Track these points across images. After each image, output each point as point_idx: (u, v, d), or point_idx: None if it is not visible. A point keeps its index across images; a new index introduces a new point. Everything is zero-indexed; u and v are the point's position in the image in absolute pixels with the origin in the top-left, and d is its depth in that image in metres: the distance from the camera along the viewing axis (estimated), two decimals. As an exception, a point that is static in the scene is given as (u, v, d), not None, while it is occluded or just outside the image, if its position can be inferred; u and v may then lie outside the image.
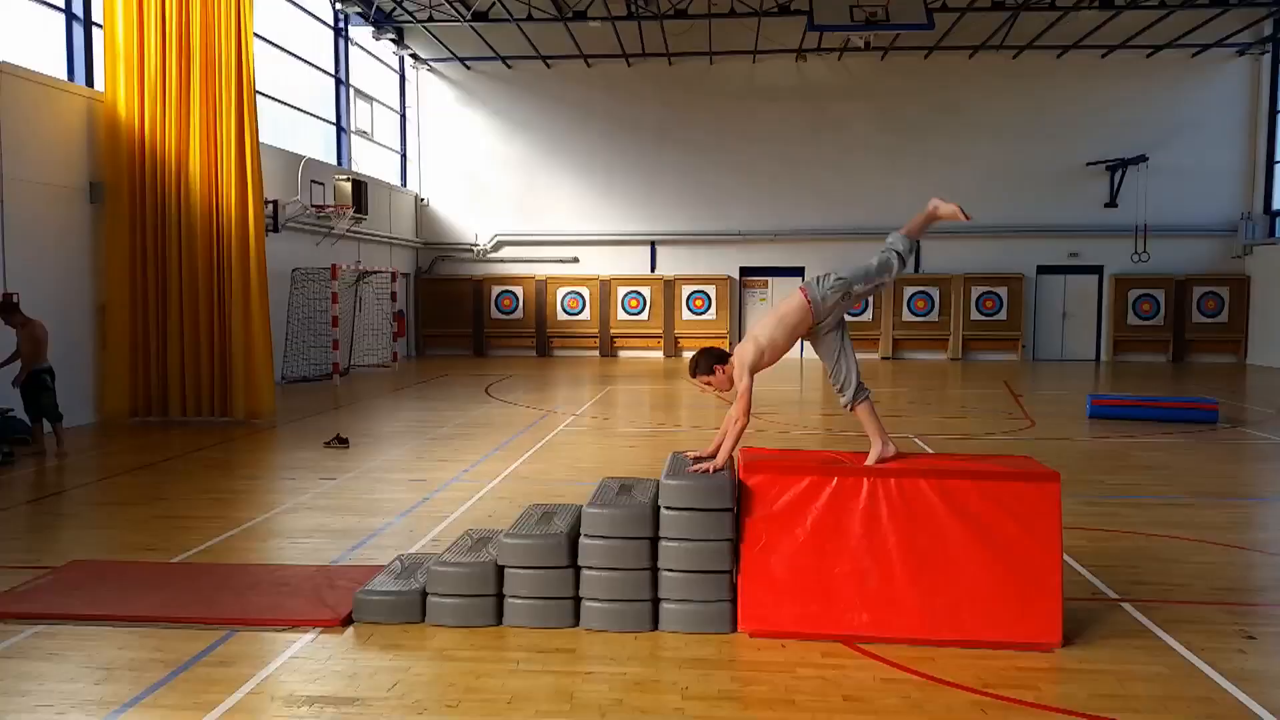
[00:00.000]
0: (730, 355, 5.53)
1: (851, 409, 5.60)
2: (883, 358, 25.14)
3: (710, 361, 5.50)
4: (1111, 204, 24.79)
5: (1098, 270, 25.30)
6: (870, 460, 5.38)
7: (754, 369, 5.37)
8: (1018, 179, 25.02)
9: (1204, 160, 24.53)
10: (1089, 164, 24.80)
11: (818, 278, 5.57)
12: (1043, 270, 25.41)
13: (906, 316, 25.25)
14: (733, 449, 5.43)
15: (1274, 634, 5.24)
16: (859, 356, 5.75)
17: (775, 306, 5.40)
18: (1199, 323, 24.73)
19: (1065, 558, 5.94)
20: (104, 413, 12.96)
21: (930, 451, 10.76)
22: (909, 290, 25.20)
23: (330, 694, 4.40)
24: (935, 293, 25.20)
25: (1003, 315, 25.09)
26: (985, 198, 25.05)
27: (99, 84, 13.18)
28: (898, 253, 5.63)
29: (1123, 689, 4.47)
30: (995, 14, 21.77)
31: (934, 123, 25.16)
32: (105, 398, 12.95)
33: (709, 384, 5.53)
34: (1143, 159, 23.92)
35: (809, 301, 5.44)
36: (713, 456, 5.48)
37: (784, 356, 5.54)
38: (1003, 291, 25.08)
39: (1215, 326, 24.69)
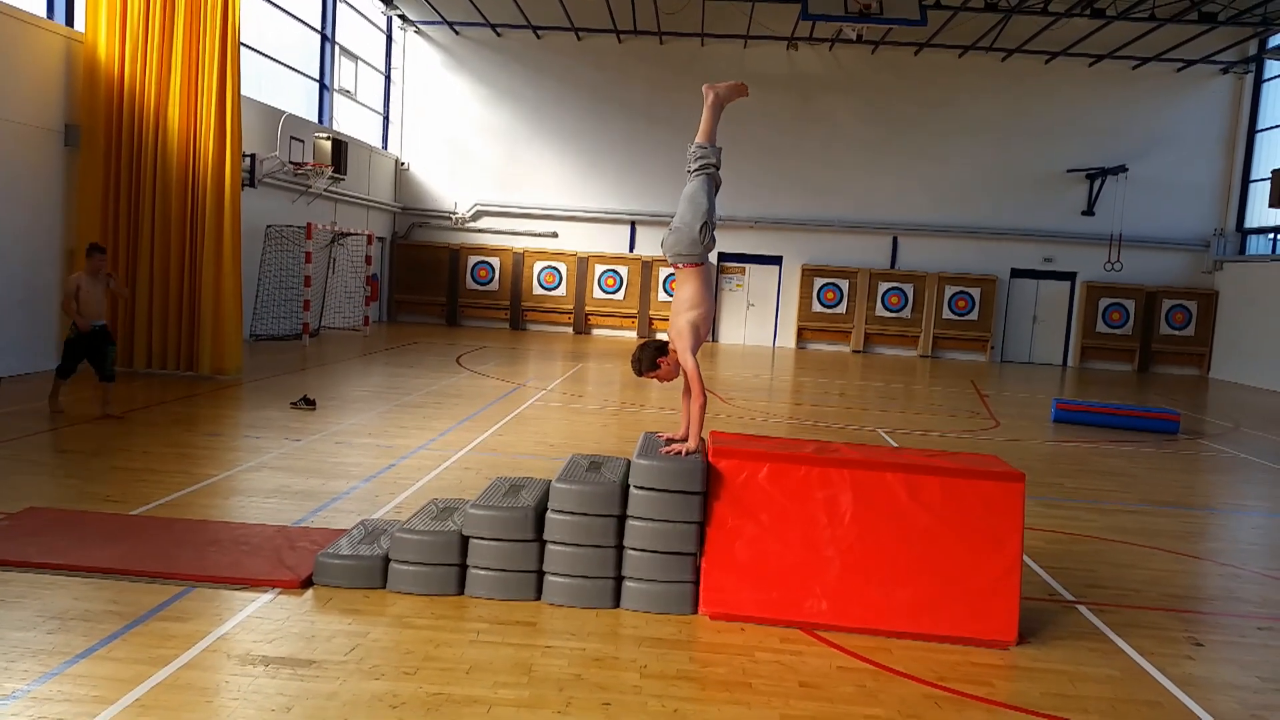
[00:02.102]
0: (668, 344, 5.57)
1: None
2: (854, 350, 25.27)
3: (653, 355, 5.55)
4: (1089, 212, 25.01)
5: (1070, 276, 25.55)
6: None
7: (695, 349, 5.44)
8: (998, 181, 25.18)
9: (1181, 174, 24.81)
10: (1069, 170, 24.99)
11: (673, 241, 5.57)
12: (1016, 274, 25.62)
13: (880, 311, 25.37)
14: (701, 429, 5.47)
15: (1221, 642, 5.35)
16: (830, 347, 5.77)
17: (679, 293, 5.55)
18: (1166, 334, 25.06)
19: (1024, 558, 6.02)
20: (67, 360, 12.74)
21: (895, 446, 10.85)
22: (884, 286, 25.31)
23: (287, 655, 4.38)
24: (909, 289, 25.33)
25: (974, 315, 25.29)
26: (965, 198, 25.28)
27: (79, 24, 12.89)
28: (711, 163, 5.66)
29: (1074, 689, 4.54)
30: (988, 15, 21.80)
31: (919, 120, 25.23)
32: (69, 345, 12.73)
33: (656, 377, 5.59)
34: (1122, 169, 24.14)
35: (699, 264, 5.54)
36: (684, 439, 5.50)
37: (755, 344, 5.55)
38: (976, 292, 25.26)
39: (1181, 339, 25.03)
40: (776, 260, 25.89)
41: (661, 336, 5.59)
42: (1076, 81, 24.80)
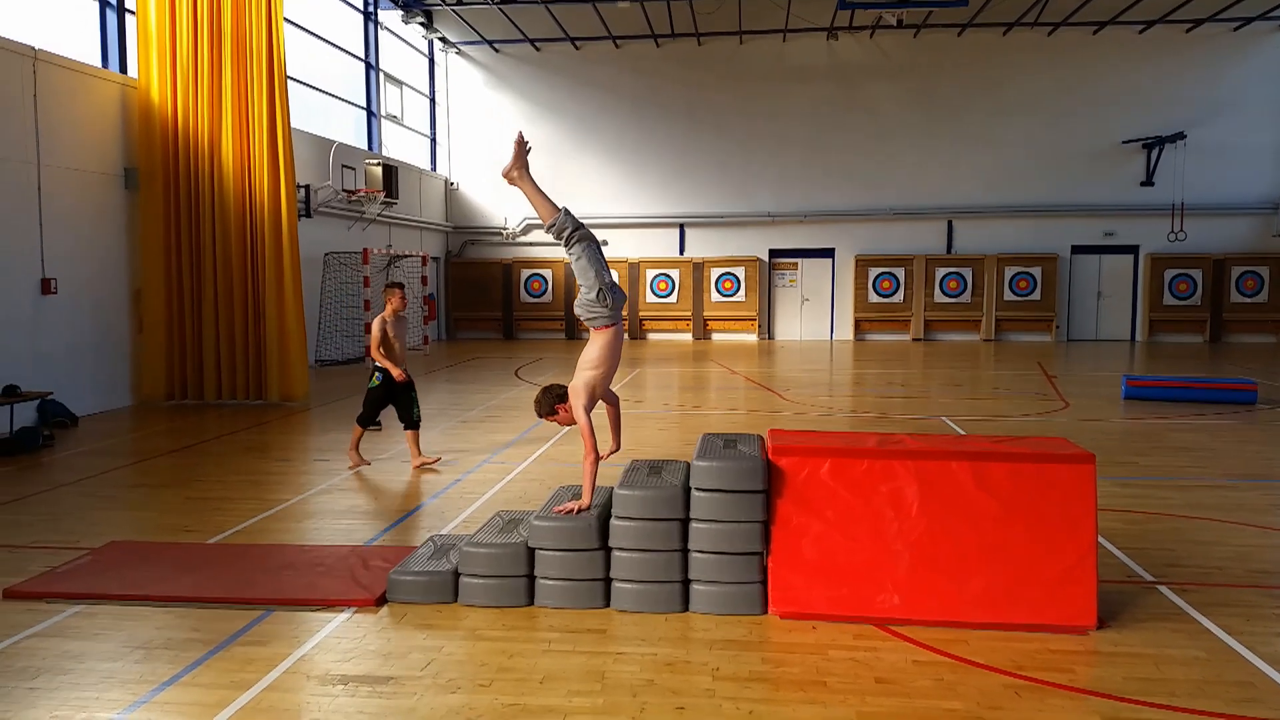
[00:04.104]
0: (567, 392, 5.61)
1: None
2: (914, 339, 24.93)
3: (552, 401, 5.60)
4: (1148, 182, 24.38)
5: (1133, 250, 24.91)
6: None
7: (588, 407, 5.47)
8: (1052, 158, 24.66)
9: (1243, 137, 24.04)
10: (1125, 142, 24.38)
11: (582, 309, 5.67)
12: (1077, 250, 25.07)
13: (939, 298, 25.00)
14: (592, 487, 5.46)
15: (1315, 618, 5.16)
16: (890, 337, 5.72)
17: (585, 352, 5.62)
18: (1237, 302, 24.29)
19: (1100, 540, 5.88)
20: (140, 396, 13.15)
21: (962, 433, 10.68)
22: (941, 271, 24.94)
23: (365, 673, 4.45)
24: (968, 273, 24.92)
25: (1036, 295, 24.78)
26: (1019, 177, 24.81)
27: (132, 70, 13.30)
28: (570, 230, 5.82)
29: (1159, 672, 4.43)
30: (1030, -10, 21.42)
31: (967, 101, 24.84)
32: (142, 381, 13.13)
33: (555, 420, 5.65)
34: (1180, 136, 23.49)
35: (609, 325, 5.58)
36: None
37: (812, 339, 5.54)
38: (1036, 271, 24.76)
39: (1254, 306, 24.25)
40: (829, 253, 25.67)
41: (566, 382, 5.66)
42: (1127, 50, 24.20)
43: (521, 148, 5.76)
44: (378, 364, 8.94)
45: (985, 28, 23.99)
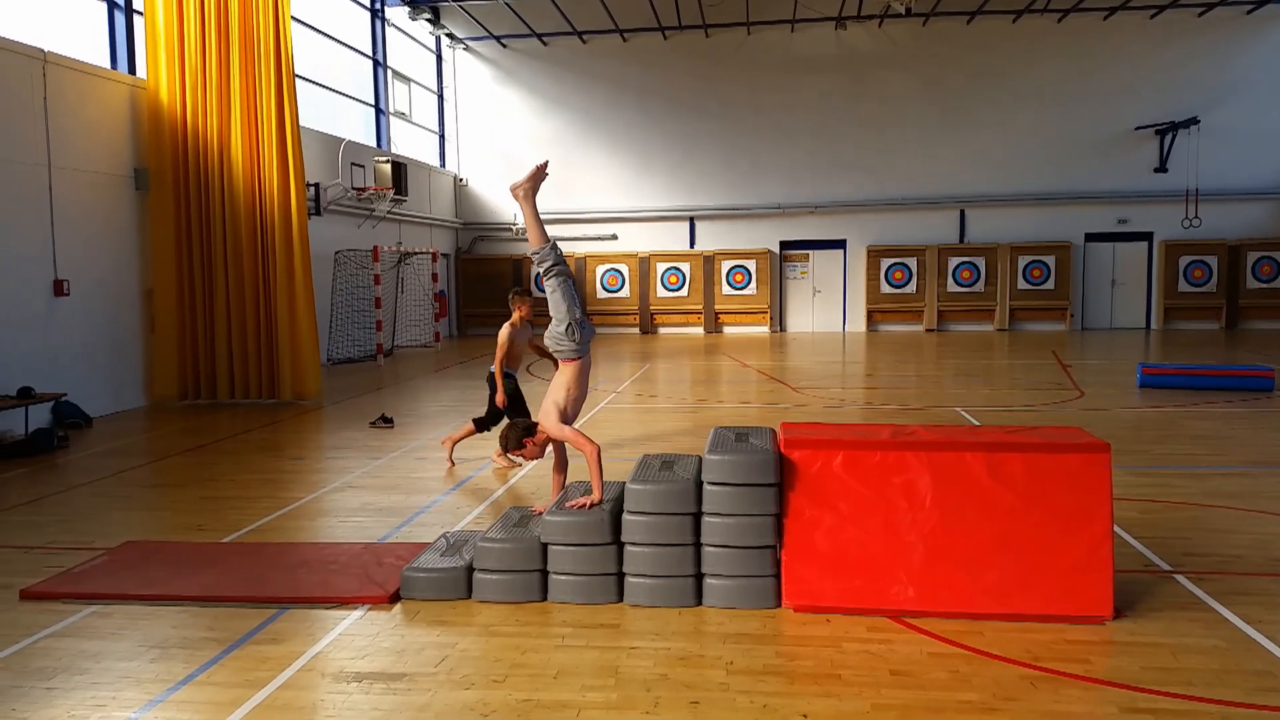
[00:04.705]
0: (537, 426, 5.73)
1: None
2: (927, 330, 24.84)
3: (519, 435, 5.73)
4: (1161, 169, 24.18)
5: (1147, 237, 24.74)
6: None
7: (563, 422, 5.62)
8: (1064, 145, 24.50)
9: (1257, 121, 23.82)
10: (1138, 128, 24.20)
11: (551, 341, 5.83)
12: (1091, 238, 24.91)
13: (952, 288, 24.89)
14: (601, 479, 5.50)
15: (1335, 605, 5.11)
16: (903, 328, 5.72)
17: (554, 381, 5.79)
18: (1254, 288, 24.10)
19: (1116, 529, 5.84)
20: (153, 396, 13.21)
21: (976, 424, 10.63)
22: (954, 261, 24.83)
23: (379, 670, 4.46)
24: (981, 263, 24.80)
25: (1050, 284, 24.65)
26: (1032, 165, 24.66)
27: (140, 71, 13.34)
28: (552, 264, 5.80)
29: (1177, 662, 4.39)
30: (1039, -24, 21.28)
31: (977, 89, 24.70)
32: (155, 381, 13.19)
33: (522, 455, 5.77)
34: (1194, 121, 23.30)
35: (576, 358, 5.74)
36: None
37: (824, 331, 5.55)
38: (1050, 260, 24.62)
39: (1270, 292, 24.04)
40: (840, 244, 25.59)
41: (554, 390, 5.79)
42: (1139, 35, 24.01)
43: (540, 171, 5.84)
44: (510, 372, 8.88)
45: (995, 15, 23.85)
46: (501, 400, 8.65)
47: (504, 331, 8.66)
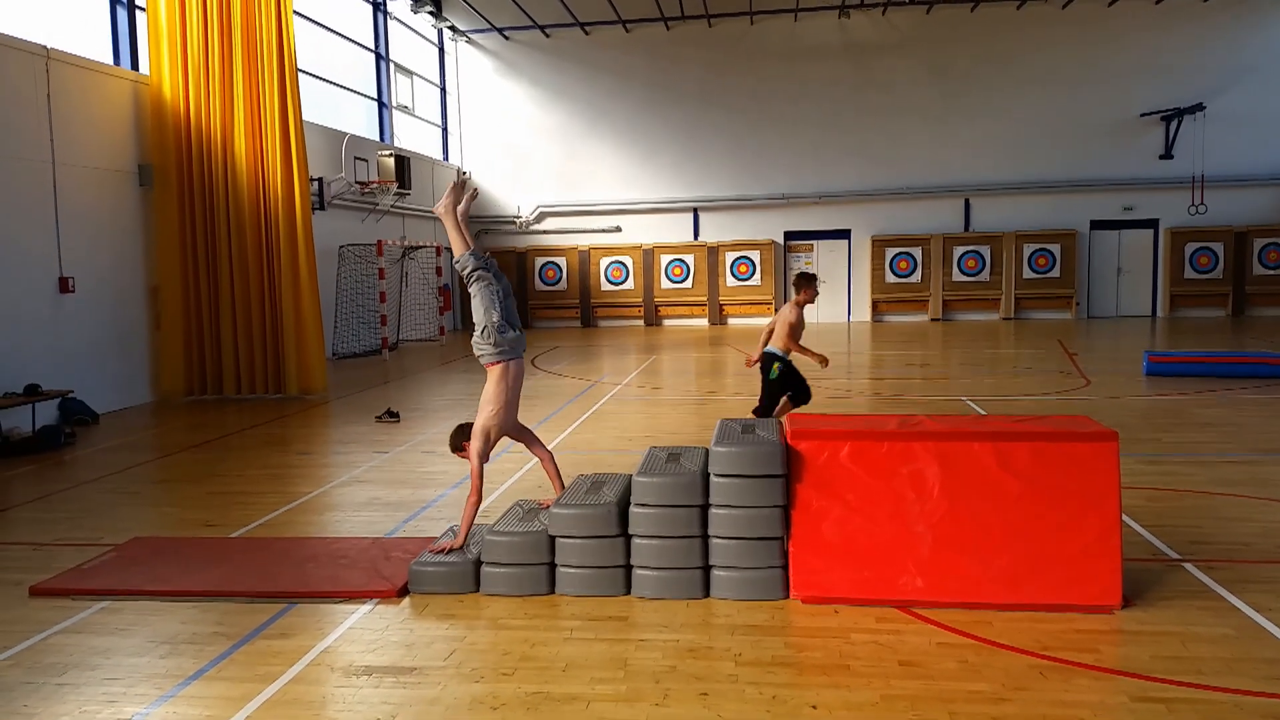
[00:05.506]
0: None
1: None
2: (932, 319, 24.79)
3: (460, 439, 5.86)
4: (1167, 155, 24.09)
5: (1153, 224, 24.66)
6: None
7: (481, 454, 5.66)
8: (1070, 132, 24.39)
9: (1263, 106, 23.69)
10: (1143, 115, 24.09)
11: (475, 345, 5.87)
12: (1096, 225, 24.83)
13: (957, 277, 24.83)
14: (468, 527, 5.58)
15: (1345, 593, 5.09)
16: (908, 318, 5.70)
17: (484, 389, 5.84)
18: (1260, 275, 24.01)
19: (1124, 518, 5.83)
20: (160, 392, 13.23)
21: (982, 413, 10.61)
22: (959, 250, 24.76)
23: (388, 664, 4.47)
24: (986, 251, 24.74)
25: (1056, 272, 24.58)
26: (1037, 153, 24.58)
27: (143, 67, 13.32)
28: (474, 269, 5.82)
29: (1187, 651, 4.38)
30: (1043, -38, 21.16)
31: (982, 77, 24.59)
32: (161, 377, 13.21)
33: (464, 455, 5.85)
34: (1199, 108, 23.18)
35: (497, 362, 5.77)
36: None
37: (829, 321, 5.55)
38: (1055, 248, 24.55)
39: (1277, 279, 23.93)
40: (845, 234, 25.54)
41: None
42: (1143, 22, 23.88)
43: (458, 188, 5.97)
44: (777, 353, 8.80)
45: (999, 2, 23.74)
46: (824, 360, 9.04)
47: (792, 311, 8.82)
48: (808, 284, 8.96)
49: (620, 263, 25.86)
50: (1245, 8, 23.66)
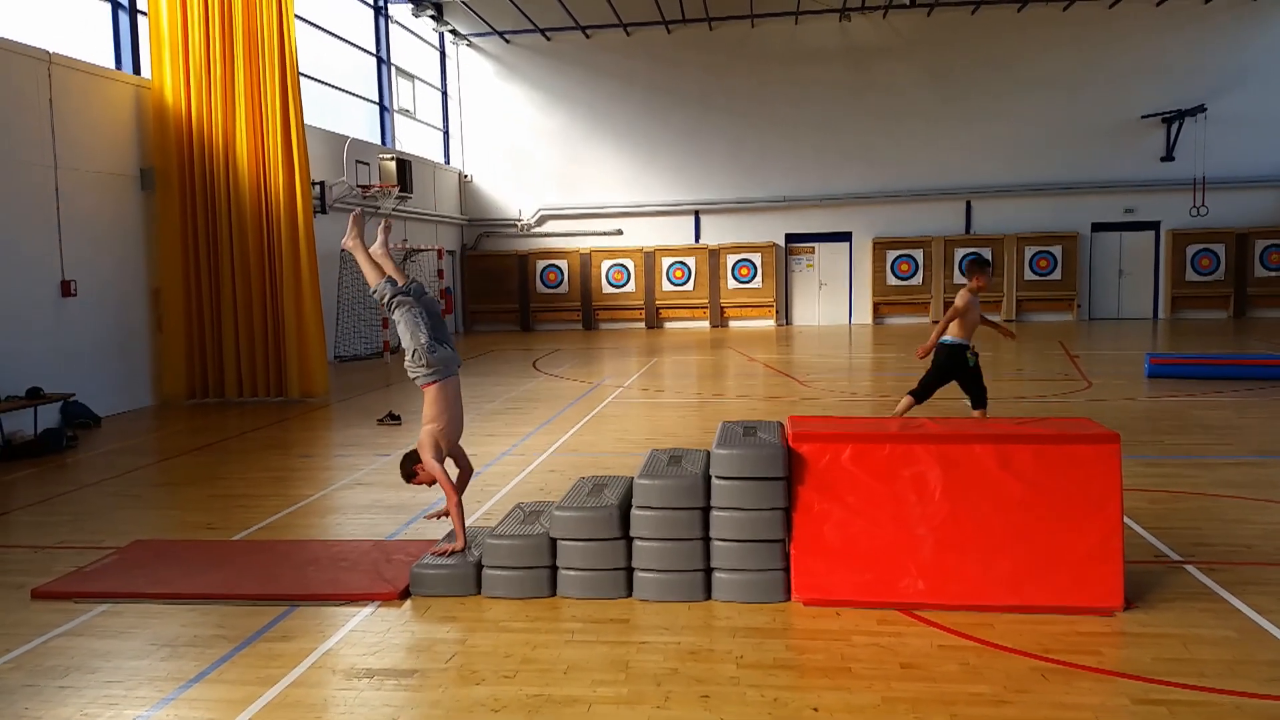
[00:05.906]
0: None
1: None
2: (934, 322, 24.73)
3: (410, 464, 5.81)
4: (1168, 157, 24.08)
5: (1154, 226, 24.64)
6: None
7: (438, 456, 5.67)
8: (1071, 135, 24.39)
9: (1265, 108, 23.67)
10: (1144, 117, 24.09)
11: (408, 369, 5.88)
12: (1097, 227, 24.82)
13: (958, 279, 24.78)
14: (463, 524, 5.63)
15: (1347, 595, 5.09)
16: (909, 320, 5.69)
17: (423, 409, 5.88)
18: (1261, 277, 23.98)
19: (1126, 520, 5.83)
20: (162, 395, 13.24)
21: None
22: (960, 252, 24.75)
23: (390, 666, 4.47)
24: (987, 254, 24.71)
25: (1057, 275, 24.57)
26: (1038, 155, 24.57)
27: (145, 71, 13.34)
28: (391, 297, 5.84)
29: (1188, 653, 4.38)
30: (1044, -35, 21.17)
31: (983, 80, 24.59)
32: (163, 380, 13.22)
33: (419, 482, 5.83)
34: (1200, 109, 23.16)
35: (432, 382, 5.78)
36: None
37: (830, 324, 5.54)
38: (1057, 250, 24.54)
39: (1278, 280, 23.90)
40: (846, 236, 25.54)
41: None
42: (1144, 24, 23.88)
43: (359, 220, 6.12)
44: (960, 341, 8.66)
45: (1000, 5, 23.75)
46: (1010, 333, 9.37)
47: (963, 297, 8.69)
48: (979, 270, 8.83)
49: (621, 265, 25.87)
50: (1246, 9, 23.66)
